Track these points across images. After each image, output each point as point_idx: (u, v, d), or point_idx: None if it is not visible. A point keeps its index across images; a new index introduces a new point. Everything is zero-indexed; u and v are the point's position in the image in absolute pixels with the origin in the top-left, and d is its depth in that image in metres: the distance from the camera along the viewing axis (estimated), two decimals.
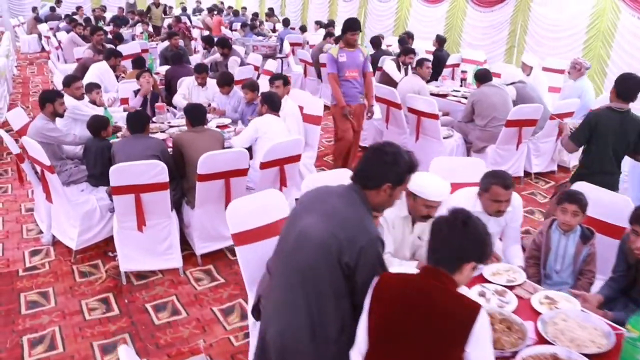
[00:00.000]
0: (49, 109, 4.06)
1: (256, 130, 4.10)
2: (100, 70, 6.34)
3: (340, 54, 4.83)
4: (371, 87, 5.20)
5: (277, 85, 4.67)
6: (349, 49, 4.84)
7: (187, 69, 6.54)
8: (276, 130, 4.11)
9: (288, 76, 4.87)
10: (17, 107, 8.26)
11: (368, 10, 12.30)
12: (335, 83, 4.89)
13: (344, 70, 4.83)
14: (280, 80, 4.68)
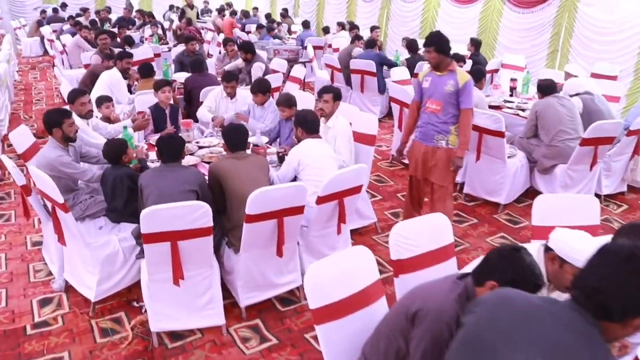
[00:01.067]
0: (57, 134, 3.45)
1: (298, 162, 3.46)
2: (111, 78, 5.75)
3: (426, 77, 3.85)
4: (465, 129, 3.76)
5: (325, 100, 4.03)
6: (437, 72, 3.78)
7: (210, 78, 5.93)
8: (321, 155, 3.50)
9: (338, 88, 4.20)
10: (19, 117, 7.87)
11: (391, 11, 11.68)
12: (412, 114, 4.04)
13: (424, 99, 3.87)
14: (329, 94, 4.03)
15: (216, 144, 4.18)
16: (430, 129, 3.90)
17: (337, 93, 4.08)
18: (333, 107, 4.03)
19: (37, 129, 6.99)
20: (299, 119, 3.60)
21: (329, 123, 4.01)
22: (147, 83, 5.66)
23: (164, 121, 4.67)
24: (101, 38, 7.09)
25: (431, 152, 3.92)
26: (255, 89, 4.65)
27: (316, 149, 3.51)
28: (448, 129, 3.81)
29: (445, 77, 3.74)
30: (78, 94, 4.06)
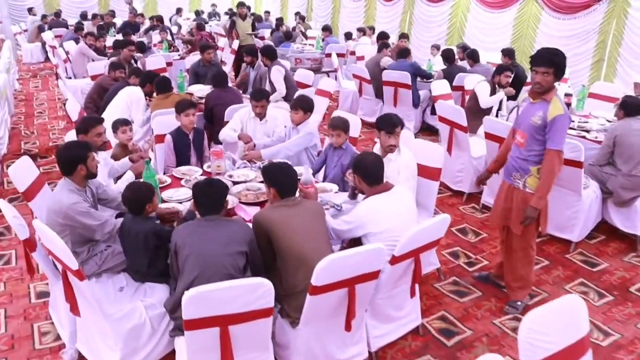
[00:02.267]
0: (80, 172, 2.87)
1: (364, 229, 2.74)
2: (131, 97, 5.19)
3: (523, 102, 3.31)
4: (547, 175, 3.10)
5: (397, 133, 3.42)
6: (532, 98, 3.16)
7: (234, 94, 5.36)
8: (394, 214, 2.76)
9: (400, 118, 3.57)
10: (19, 133, 7.29)
11: (414, 15, 11.11)
12: (506, 141, 3.51)
13: (516, 129, 3.32)
14: (398, 127, 3.40)
15: (253, 178, 3.59)
16: (510, 163, 3.34)
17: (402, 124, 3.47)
18: (396, 141, 3.45)
19: (39, 147, 6.42)
20: (358, 166, 2.90)
21: (391, 156, 3.43)
22: (163, 100, 5.09)
23: (187, 149, 4.09)
24: (130, 49, 6.51)
25: (509, 192, 3.35)
26: (297, 104, 4.06)
27: (386, 210, 2.75)
28: (527, 168, 3.20)
29: (536, 107, 3.14)
30: (93, 122, 3.46)
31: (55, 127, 7.38)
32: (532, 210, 3.17)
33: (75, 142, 3.07)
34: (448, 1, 10.20)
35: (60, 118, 7.85)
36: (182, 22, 14.69)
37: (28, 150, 6.28)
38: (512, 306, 3.52)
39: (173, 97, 5.14)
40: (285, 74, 6.16)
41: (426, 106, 7.45)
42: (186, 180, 3.58)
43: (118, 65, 5.94)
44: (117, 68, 5.88)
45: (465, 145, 5.03)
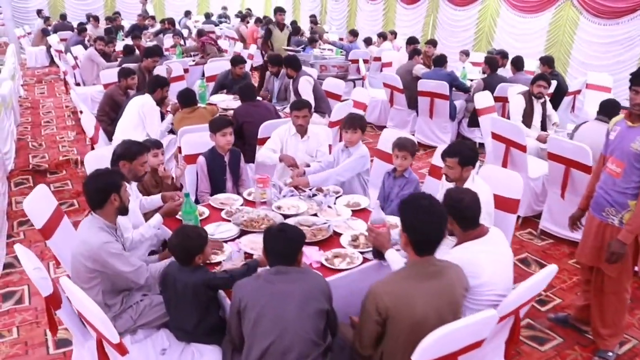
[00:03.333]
0: (113, 204, 2.46)
1: None
2: (144, 107, 4.76)
3: (616, 126, 2.87)
4: None
5: (449, 165, 3.00)
6: (630, 121, 2.76)
7: (265, 107, 4.93)
8: (492, 261, 2.31)
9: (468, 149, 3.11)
10: (26, 145, 6.85)
11: (438, 19, 10.69)
12: (596, 171, 3.08)
13: (607, 154, 2.92)
14: (454, 159, 2.96)
15: (304, 211, 3.16)
16: (601, 196, 2.91)
17: (467, 155, 3.02)
18: (462, 173, 3.01)
19: (48, 162, 6.00)
20: (454, 207, 2.35)
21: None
22: (189, 115, 4.69)
23: (222, 172, 3.66)
24: (154, 60, 6.08)
25: (600, 229, 2.92)
26: (355, 123, 3.61)
27: (485, 260, 2.28)
28: (625, 202, 2.78)
29: (637, 131, 2.72)
30: (141, 149, 3.04)
31: (65, 138, 6.96)
32: (620, 246, 2.76)
33: (107, 170, 2.65)
34: (475, 5, 9.79)
35: (69, 128, 7.44)
36: (192, 25, 14.30)
37: (37, 166, 5.86)
38: (602, 357, 3.10)
39: (200, 112, 4.74)
40: (314, 85, 5.75)
41: (462, 117, 7.03)
42: (227, 212, 3.16)
43: (128, 72, 5.51)
44: (127, 75, 5.45)
45: (522, 165, 4.61)
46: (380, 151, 4.15)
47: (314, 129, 4.04)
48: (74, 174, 5.73)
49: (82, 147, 6.56)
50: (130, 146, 3.00)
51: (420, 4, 10.98)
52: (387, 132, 4.23)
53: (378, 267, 2.74)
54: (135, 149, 2.99)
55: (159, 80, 4.99)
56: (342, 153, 3.74)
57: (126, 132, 4.77)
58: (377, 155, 4.24)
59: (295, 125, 3.91)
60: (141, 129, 4.75)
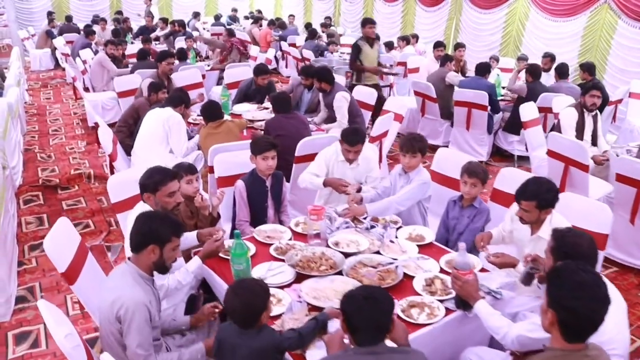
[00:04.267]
0: (149, 256, 2.07)
1: None
2: (170, 121, 4.38)
3: None
4: None
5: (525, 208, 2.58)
6: None
7: (300, 121, 4.55)
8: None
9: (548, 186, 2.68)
10: (34, 156, 6.39)
11: (461, 22, 10.30)
12: None
13: None
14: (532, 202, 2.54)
15: (366, 248, 2.77)
16: None
17: (546, 198, 2.56)
18: (540, 216, 2.60)
19: (59, 176, 5.59)
20: (568, 253, 1.99)
21: (541, 233, 2.60)
22: (215, 130, 4.29)
23: (263, 198, 3.27)
24: (169, 62, 5.68)
25: None
26: (415, 145, 3.21)
27: None
28: None
29: None
30: (165, 179, 2.63)
31: (75, 149, 6.57)
32: None
33: (160, 215, 2.21)
34: (502, 7, 9.40)
35: (79, 137, 7.05)
36: (200, 27, 13.94)
37: (47, 181, 5.47)
38: None
39: (227, 126, 4.34)
40: (351, 101, 5.33)
41: (497, 128, 6.64)
42: (277, 248, 2.77)
43: (159, 86, 5.12)
44: (158, 89, 5.06)
45: (583, 186, 4.21)
46: (437, 173, 3.74)
47: (366, 153, 3.62)
48: (87, 189, 5.33)
49: (94, 159, 6.18)
50: (152, 174, 2.58)
51: (442, 6, 10.59)
52: (443, 152, 3.83)
53: (462, 318, 2.36)
54: (158, 177, 2.57)
55: (184, 99, 4.60)
56: (399, 178, 3.35)
57: (147, 147, 4.40)
58: (433, 178, 3.84)
59: (346, 158, 3.49)
60: (165, 144, 4.38)
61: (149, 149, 4.37)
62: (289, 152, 4.11)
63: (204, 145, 4.24)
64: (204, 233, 2.73)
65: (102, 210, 4.89)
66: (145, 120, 4.52)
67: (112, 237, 4.40)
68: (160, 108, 4.52)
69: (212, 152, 3.72)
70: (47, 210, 4.89)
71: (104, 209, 4.91)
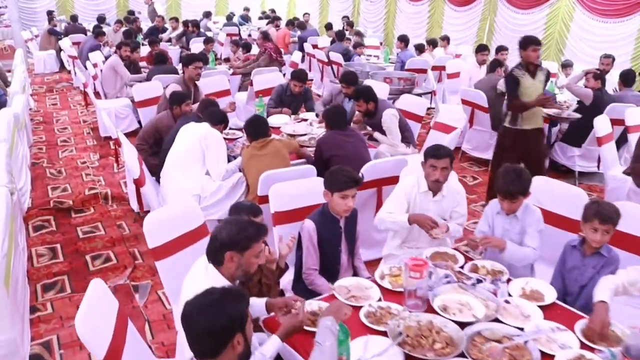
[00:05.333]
0: (235, 349, 1.61)
1: None
2: (207, 140, 3.81)
3: None
4: None
5: None
6: None
7: (359, 139, 3.99)
8: None
9: None
10: (43, 173, 5.56)
11: (496, 23, 9.72)
12: None
13: None
14: None
15: (483, 315, 2.18)
16: None
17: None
18: None
19: (73, 197, 5.01)
20: None
21: None
22: (261, 151, 3.69)
23: (336, 242, 2.69)
24: (196, 65, 5.10)
25: None
26: (508, 189, 2.61)
27: None
28: None
29: None
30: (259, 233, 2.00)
31: (87, 162, 5.99)
32: None
33: (228, 292, 1.65)
34: (543, 7, 8.81)
35: (90, 149, 6.48)
36: (212, 26, 13.39)
37: (58, 202, 4.88)
38: None
39: (274, 146, 3.74)
40: (400, 119, 4.74)
41: (554, 140, 6.06)
42: (368, 313, 2.19)
43: (182, 98, 4.54)
44: (181, 102, 4.48)
45: None
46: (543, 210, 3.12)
47: (452, 182, 3.04)
48: (104, 213, 4.75)
49: (109, 175, 5.60)
50: (244, 228, 1.99)
51: (474, 5, 10.00)
52: (543, 183, 3.21)
53: None
54: (252, 231, 1.98)
55: (224, 119, 4.03)
56: (501, 219, 2.76)
57: (181, 166, 3.82)
58: None
59: (430, 180, 2.91)
60: (201, 165, 3.80)
61: (183, 170, 3.80)
62: None
63: (247, 168, 3.67)
64: (275, 304, 2.14)
65: (124, 238, 4.31)
66: (180, 137, 3.93)
67: (138, 273, 3.82)
68: (196, 123, 3.93)
69: (264, 180, 3.14)
70: (61, 239, 4.31)
71: (125, 237, 4.34)
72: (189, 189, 3.66)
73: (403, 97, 5.56)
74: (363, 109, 4.72)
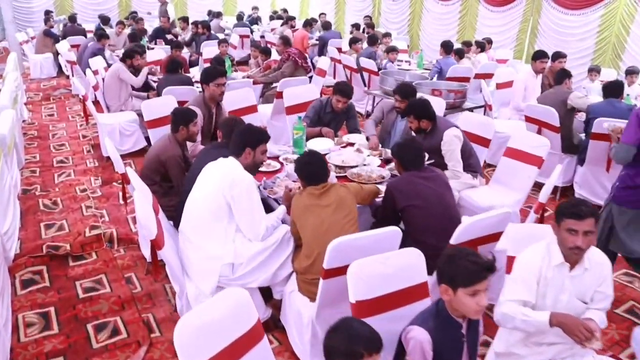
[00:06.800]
0: None
1: None
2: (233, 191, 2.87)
3: None
4: None
5: None
6: None
7: (441, 181, 3.11)
8: None
9: None
10: (35, 205, 4.64)
11: (540, 24, 8.86)
12: None
13: None
14: None
15: None
16: None
17: None
18: None
19: (71, 238, 4.17)
20: None
21: None
22: (320, 202, 2.82)
23: (457, 353, 1.84)
24: (218, 83, 4.24)
25: None
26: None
27: None
28: None
29: None
30: None
31: (88, 190, 5.14)
32: None
33: None
34: (597, 7, 7.96)
35: (91, 172, 5.63)
36: (226, 27, 12.56)
37: (53, 248, 4.03)
38: None
39: (337, 194, 2.83)
40: (464, 140, 3.95)
41: None
42: None
43: (188, 116, 3.72)
44: (188, 120, 3.69)
45: None
46: None
47: (595, 252, 2.19)
48: (109, 261, 3.90)
49: (114, 207, 4.75)
50: None
51: (514, 5, 9.14)
52: None
53: None
54: None
55: (257, 135, 3.11)
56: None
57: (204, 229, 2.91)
58: None
59: (568, 246, 2.07)
60: (228, 222, 2.88)
61: (206, 232, 2.87)
62: (433, 233, 2.72)
63: (300, 221, 2.80)
64: None
65: (135, 298, 3.47)
66: (199, 183, 3.04)
67: (155, 353, 2.98)
68: (215, 162, 3.04)
69: (335, 250, 2.29)
70: (55, 298, 3.47)
71: (136, 296, 3.50)
72: (217, 257, 2.80)
73: (464, 116, 4.70)
74: (415, 127, 3.93)
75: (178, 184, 3.59)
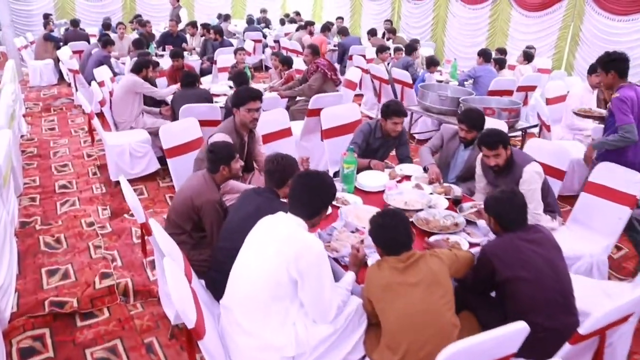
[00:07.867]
0: None
1: None
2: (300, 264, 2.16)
3: None
4: None
5: None
6: None
7: (550, 244, 2.45)
8: None
9: None
10: (36, 242, 3.93)
11: (582, 31, 8.26)
12: None
13: None
14: None
15: None
16: None
17: None
18: None
19: (78, 291, 3.55)
20: None
21: None
22: (406, 278, 2.21)
23: None
24: (252, 107, 3.61)
25: None
26: None
27: None
28: None
29: None
30: None
31: (95, 223, 4.52)
32: None
33: None
34: None
35: (98, 201, 5.00)
36: (237, 31, 11.97)
37: (56, 305, 3.40)
38: None
39: (429, 267, 2.20)
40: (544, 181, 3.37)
41: None
42: None
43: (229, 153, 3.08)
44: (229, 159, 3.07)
45: None
46: None
47: None
48: (125, 321, 3.27)
49: (127, 248, 4.12)
50: None
51: (552, 10, 8.53)
52: None
53: None
54: None
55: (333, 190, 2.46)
56: None
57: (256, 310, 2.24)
58: None
59: None
60: (290, 302, 2.23)
61: (260, 315, 2.21)
62: (541, 311, 2.12)
63: (380, 303, 2.16)
64: None
65: None
66: (250, 247, 2.36)
67: None
68: (273, 219, 2.39)
69: None
70: None
71: None
72: (274, 349, 2.15)
73: (533, 143, 4.06)
74: (493, 164, 3.33)
75: (213, 234, 2.96)
